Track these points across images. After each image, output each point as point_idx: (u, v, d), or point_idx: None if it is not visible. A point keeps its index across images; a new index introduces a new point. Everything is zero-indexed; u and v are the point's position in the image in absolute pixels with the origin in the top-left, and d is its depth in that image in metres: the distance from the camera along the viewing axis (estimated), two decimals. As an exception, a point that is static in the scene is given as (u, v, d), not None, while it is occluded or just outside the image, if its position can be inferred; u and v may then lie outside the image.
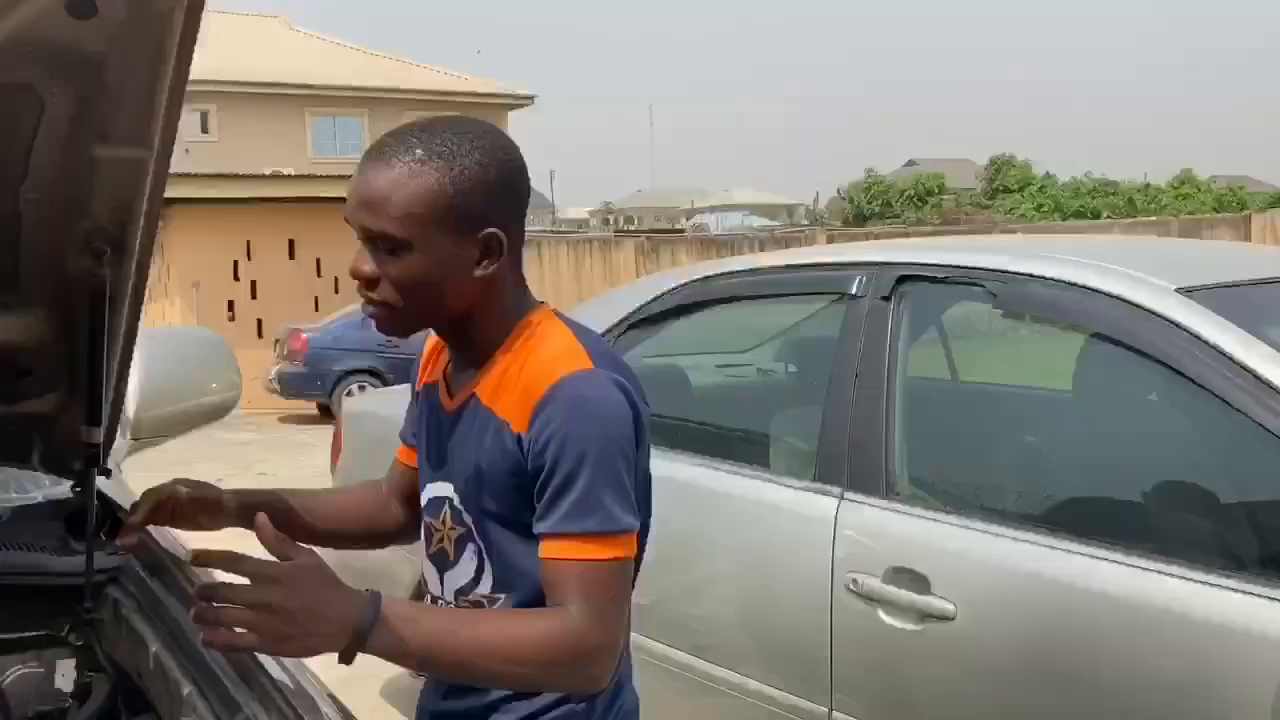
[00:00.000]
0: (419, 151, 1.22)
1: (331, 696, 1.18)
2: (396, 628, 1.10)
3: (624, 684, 1.37)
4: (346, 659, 1.09)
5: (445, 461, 1.34)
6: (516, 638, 1.17)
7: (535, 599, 1.24)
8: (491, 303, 1.29)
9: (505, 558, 1.30)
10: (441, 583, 1.36)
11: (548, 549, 1.22)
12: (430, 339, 1.45)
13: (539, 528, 1.23)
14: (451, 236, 1.24)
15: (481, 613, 1.27)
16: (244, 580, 1.06)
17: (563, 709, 1.30)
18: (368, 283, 1.25)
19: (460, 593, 1.34)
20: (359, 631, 1.08)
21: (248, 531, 1.19)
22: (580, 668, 1.20)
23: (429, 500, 1.38)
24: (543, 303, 1.35)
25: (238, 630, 1.04)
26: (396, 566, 3.00)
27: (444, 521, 1.35)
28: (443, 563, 1.36)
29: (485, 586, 1.32)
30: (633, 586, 1.26)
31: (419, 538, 1.42)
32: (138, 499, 1.40)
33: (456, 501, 1.33)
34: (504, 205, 1.27)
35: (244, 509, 1.37)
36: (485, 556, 1.31)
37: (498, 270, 1.27)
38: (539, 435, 1.21)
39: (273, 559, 1.08)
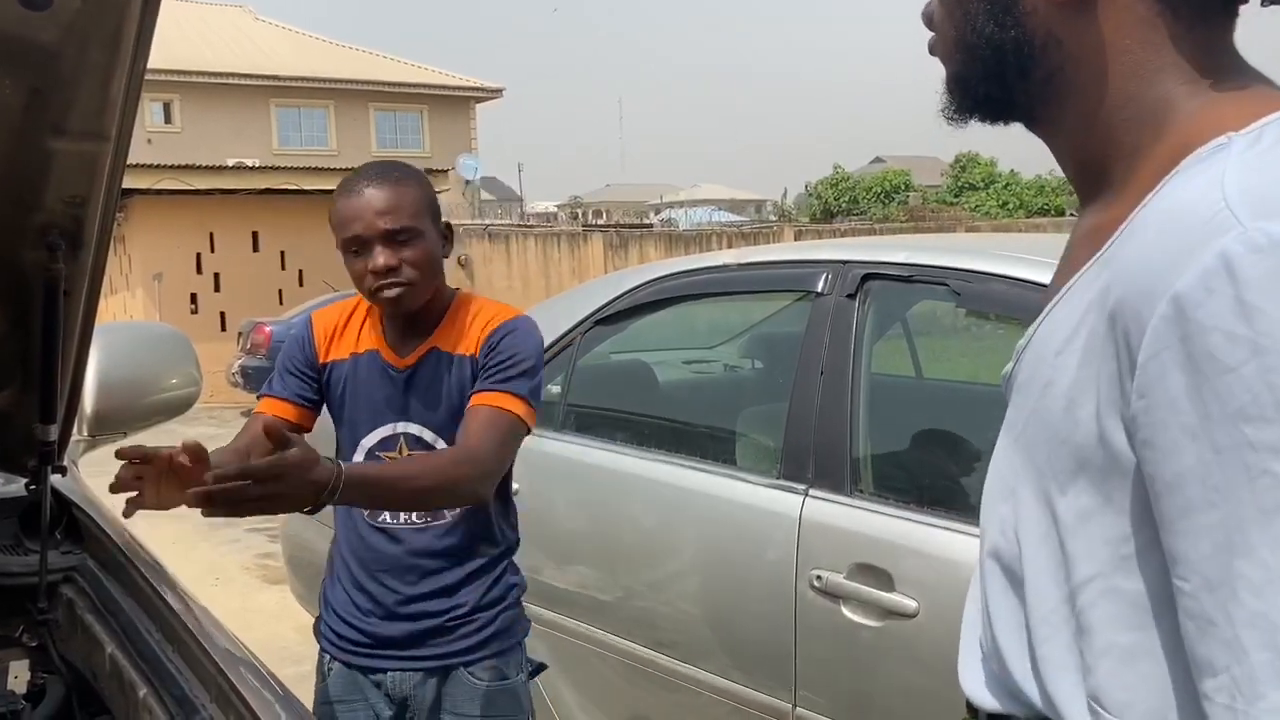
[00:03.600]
0: (397, 174, 1.74)
1: (288, 696, 1.16)
2: (353, 489, 1.46)
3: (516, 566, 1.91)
4: (312, 512, 1.45)
5: (402, 404, 1.78)
6: (436, 467, 1.65)
7: (495, 494, 1.77)
8: (443, 280, 1.81)
9: None
10: None
11: (476, 399, 1.71)
12: (319, 323, 1.85)
13: (476, 387, 1.73)
14: (434, 225, 1.76)
15: (409, 460, 1.73)
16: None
17: (503, 584, 1.85)
18: (390, 272, 1.68)
19: None
20: (330, 494, 1.42)
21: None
22: (472, 481, 1.66)
23: (378, 440, 1.80)
24: (458, 288, 1.86)
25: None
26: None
27: (400, 451, 1.79)
28: None
29: None
30: None
31: None
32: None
33: (415, 431, 1.78)
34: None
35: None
36: None
37: (447, 256, 1.80)
38: (492, 345, 1.74)
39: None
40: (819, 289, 2.35)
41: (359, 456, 1.82)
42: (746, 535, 2.29)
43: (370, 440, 1.81)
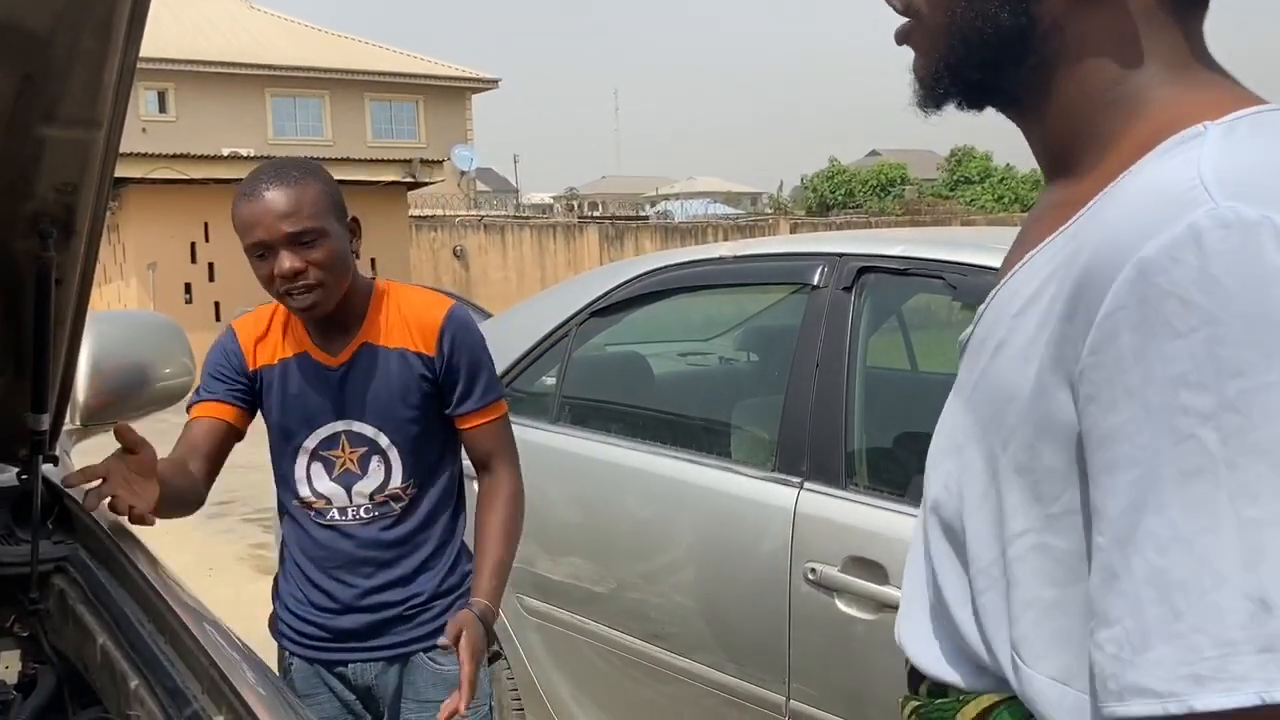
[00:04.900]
0: (295, 173, 1.70)
1: (281, 687, 1.16)
2: (495, 606, 1.77)
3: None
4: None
5: (341, 403, 1.78)
6: (513, 524, 1.84)
7: (431, 476, 1.83)
8: (357, 274, 1.78)
9: (413, 453, 1.80)
10: (350, 494, 1.80)
11: (474, 419, 1.82)
12: (242, 332, 1.84)
13: (464, 409, 1.81)
14: (339, 223, 1.73)
15: (494, 536, 1.81)
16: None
17: (455, 562, 1.88)
18: (297, 276, 1.66)
19: (376, 492, 1.80)
20: (495, 617, 1.76)
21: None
22: (523, 495, 1.88)
23: (319, 442, 1.80)
24: (373, 277, 1.86)
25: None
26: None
27: (343, 449, 1.80)
28: (350, 480, 1.80)
29: (396, 481, 1.81)
30: None
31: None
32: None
33: (356, 429, 1.78)
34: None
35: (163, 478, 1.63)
36: (392, 460, 1.80)
37: (356, 251, 1.78)
38: (449, 352, 1.78)
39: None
40: (815, 282, 2.35)
41: (302, 459, 1.81)
42: (741, 528, 2.29)
43: (311, 443, 1.80)
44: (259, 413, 1.86)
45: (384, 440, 1.79)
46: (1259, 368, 0.58)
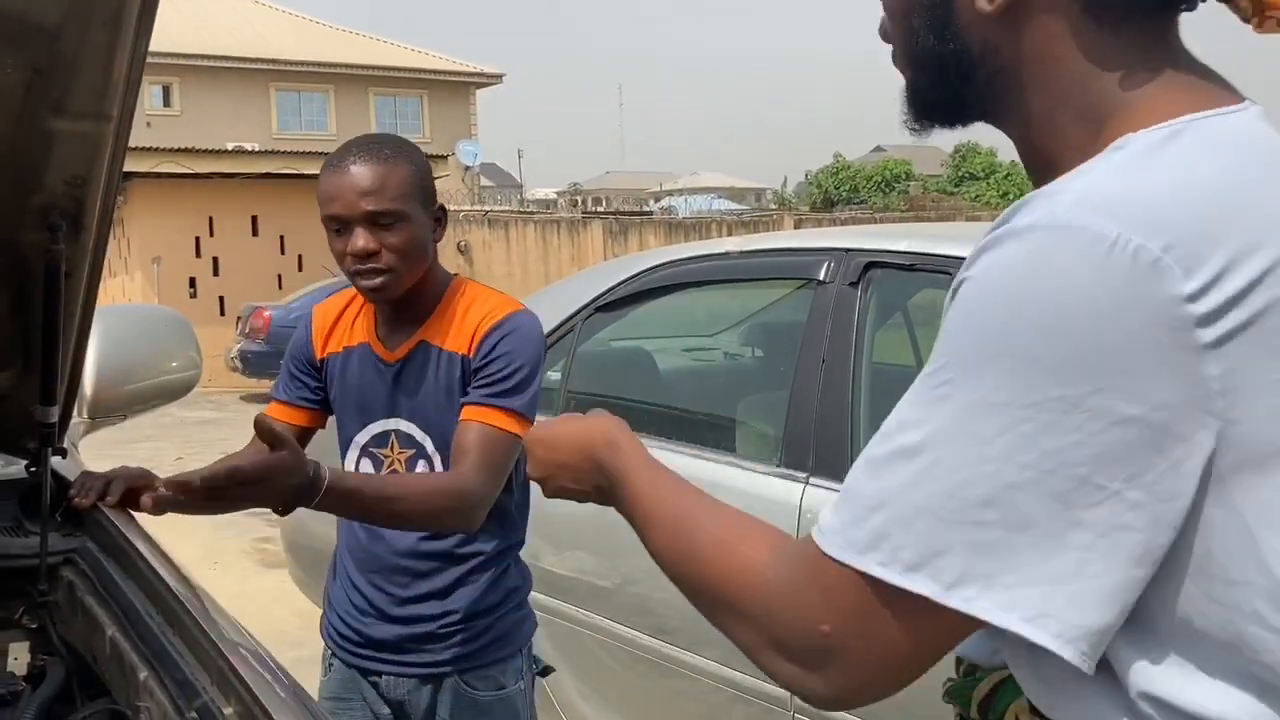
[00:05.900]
0: (387, 151, 1.63)
1: (289, 680, 1.16)
2: (332, 497, 1.44)
3: (515, 561, 1.83)
4: (284, 512, 1.44)
5: (392, 400, 1.72)
6: (418, 494, 1.58)
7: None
8: (434, 267, 1.71)
9: None
10: None
11: (469, 413, 1.62)
12: (317, 318, 1.80)
13: (469, 398, 1.63)
14: (423, 209, 1.65)
15: (396, 479, 1.66)
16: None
17: (497, 578, 1.77)
18: (369, 257, 1.60)
19: None
20: (306, 499, 1.42)
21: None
22: (461, 512, 1.59)
23: (371, 438, 1.74)
24: (456, 274, 1.77)
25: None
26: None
27: (392, 449, 1.73)
28: None
29: None
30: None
31: None
32: (98, 473, 1.56)
33: (405, 429, 1.72)
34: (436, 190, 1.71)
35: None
36: (437, 466, 1.70)
37: (439, 241, 1.70)
38: (487, 348, 1.64)
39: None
40: (821, 277, 2.35)
41: (353, 453, 1.76)
42: (746, 523, 2.29)
43: (363, 437, 1.75)
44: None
45: (430, 445, 1.71)
46: (970, 363, 0.68)
